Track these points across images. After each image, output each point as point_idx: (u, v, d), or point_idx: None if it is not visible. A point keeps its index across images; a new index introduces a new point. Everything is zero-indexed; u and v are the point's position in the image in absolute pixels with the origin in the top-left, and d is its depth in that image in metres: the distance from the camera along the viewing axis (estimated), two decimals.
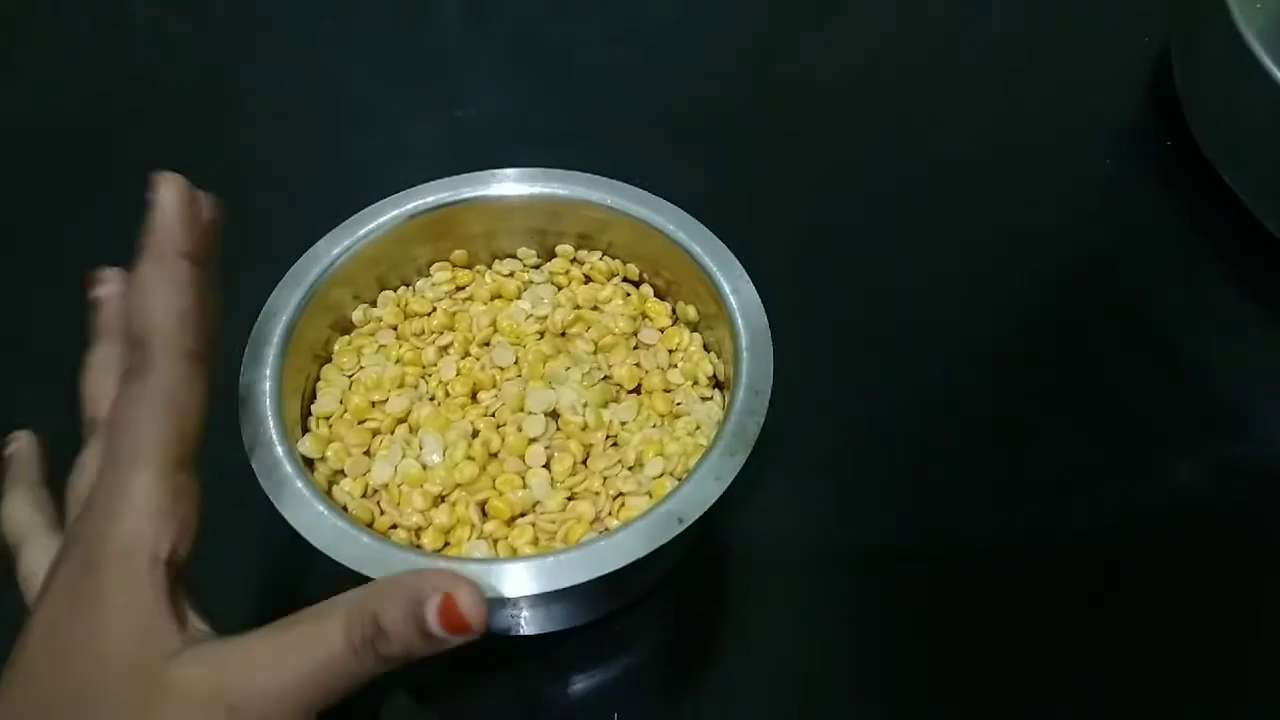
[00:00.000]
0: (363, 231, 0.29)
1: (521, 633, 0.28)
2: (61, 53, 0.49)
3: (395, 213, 0.30)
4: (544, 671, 0.30)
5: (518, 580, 0.22)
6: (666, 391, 0.29)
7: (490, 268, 0.32)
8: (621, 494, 0.25)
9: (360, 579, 0.22)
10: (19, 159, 0.43)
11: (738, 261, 0.28)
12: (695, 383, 0.29)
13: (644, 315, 0.31)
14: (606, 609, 0.30)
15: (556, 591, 0.22)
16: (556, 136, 0.44)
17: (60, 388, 0.24)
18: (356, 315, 0.30)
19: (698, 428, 0.27)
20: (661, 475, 0.26)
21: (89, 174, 0.42)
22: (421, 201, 0.30)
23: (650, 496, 0.25)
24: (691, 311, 0.30)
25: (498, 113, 0.45)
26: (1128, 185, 0.43)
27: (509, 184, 0.31)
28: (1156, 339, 0.38)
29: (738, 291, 0.28)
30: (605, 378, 0.28)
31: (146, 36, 0.50)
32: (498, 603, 0.24)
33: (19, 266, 0.39)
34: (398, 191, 0.30)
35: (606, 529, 0.25)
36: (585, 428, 0.27)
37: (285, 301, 0.27)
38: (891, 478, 0.34)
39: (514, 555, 0.24)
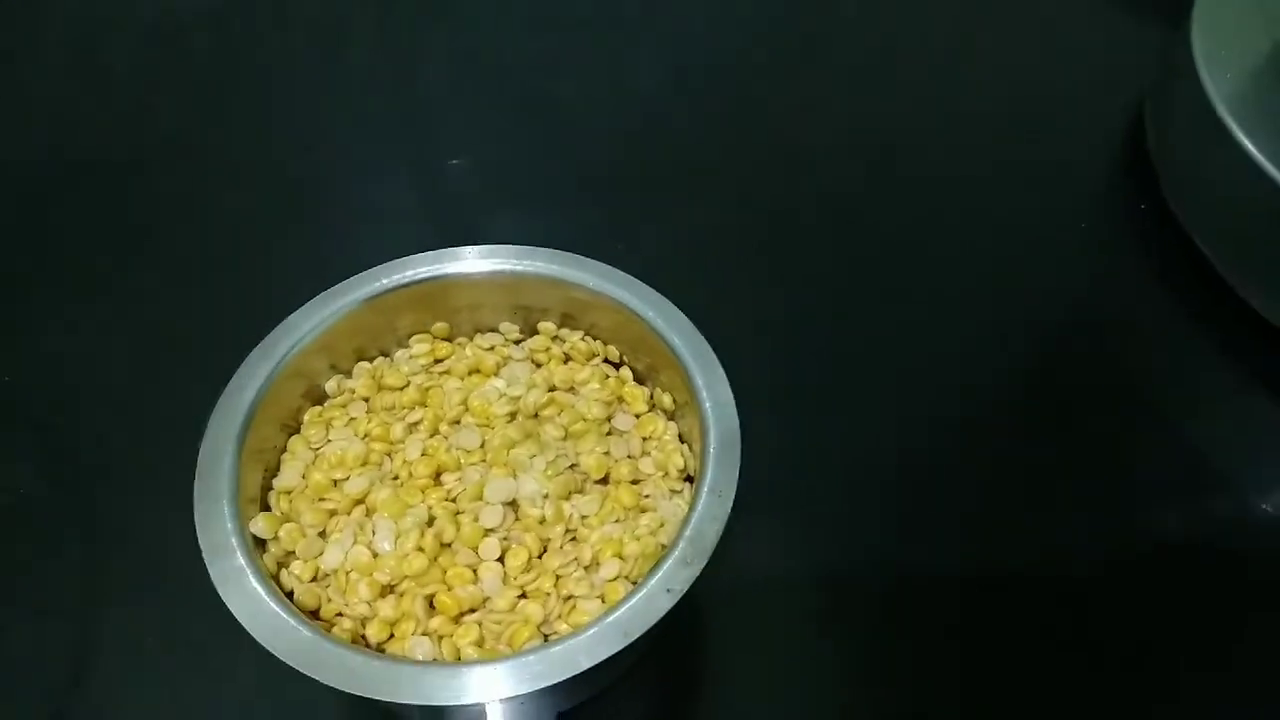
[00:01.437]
0: (343, 302, 0.29)
1: None
2: (34, 100, 0.49)
3: (379, 284, 0.30)
4: None
5: (457, 688, 0.21)
6: (635, 483, 0.28)
7: (471, 340, 0.32)
8: (573, 596, 0.25)
9: None
10: None
11: (716, 359, 0.28)
12: (665, 474, 0.28)
13: (620, 399, 0.30)
14: (568, 705, 0.29)
15: (502, 701, 0.22)
16: (541, 191, 0.44)
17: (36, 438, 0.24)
18: (330, 385, 0.30)
19: (661, 525, 0.27)
20: (617, 578, 0.25)
21: (57, 227, 0.43)
22: (406, 275, 0.30)
23: (603, 601, 0.25)
24: (668, 399, 0.29)
25: (483, 166, 0.45)
26: (1102, 246, 0.43)
27: (495, 260, 0.30)
28: (1130, 399, 0.38)
29: (712, 390, 0.27)
30: (572, 466, 0.28)
31: (122, 87, 0.50)
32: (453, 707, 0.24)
33: None
34: (379, 252, 0.30)
35: (555, 632, 0.24)
36: (543, 521, 0.26)
37: (255, 371, 0.27)
38: (869, 531, 0.34)
39: (457, 657, 0.24)
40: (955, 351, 0.39)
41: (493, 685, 0.21)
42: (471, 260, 0.30)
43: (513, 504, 0.27)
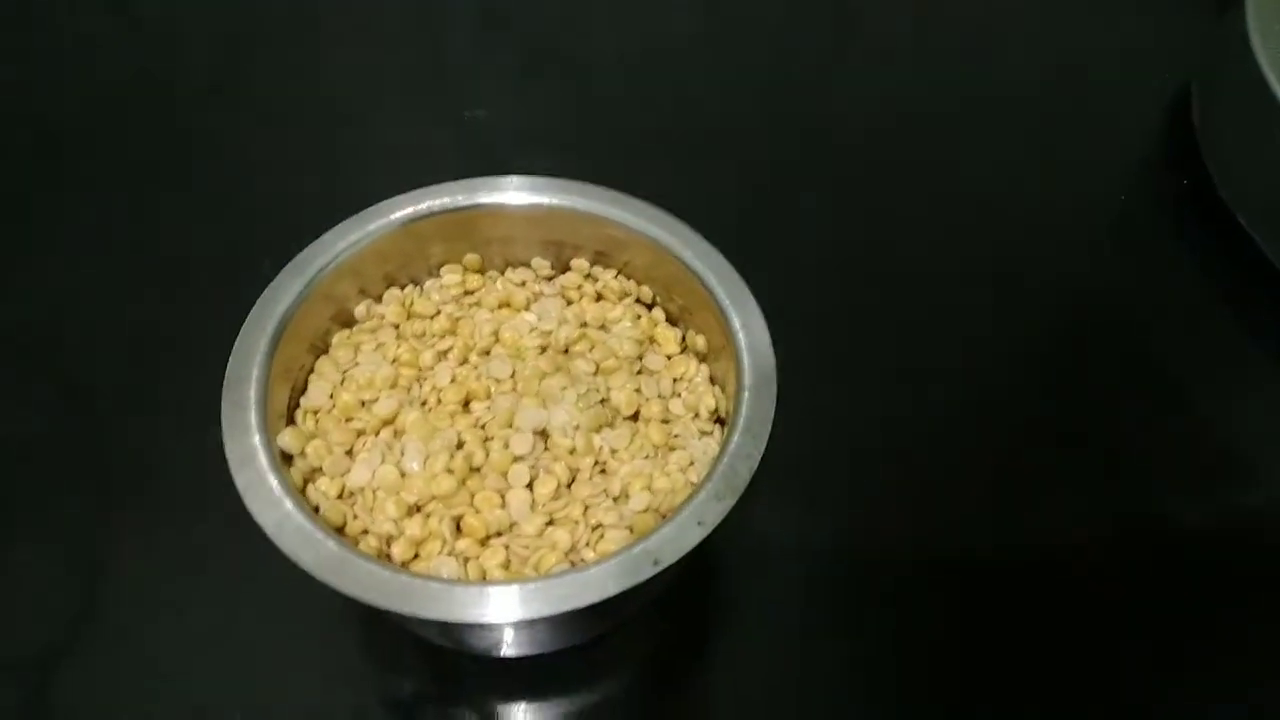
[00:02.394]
0: (375, 225, 0.29)
1: (501, 654, 0.28)
2: (67, 40, 0.48)
3: (412, 209, 0.29)
4: (530, 692, 0.29)
5: (482, 606, 0.21)
6: (665, 422, 0.27)
7: (503, 274, 0.31)
8: (602, 525, 0.24)
9: None
10: (16, 146, 0.43)
11: (753, 298, 0.27)
12: (696, 415, 0.28)
13: (652, 340, 0.30)
14: (586, 636, 0.29)
15: (526, 621, 0.21)
16: (566, 146, 0.43)
17: (55, 375, 0.23)
18: (359, 310, 0.29)
19: (691, 464, 0.26)
20: (646, 511, 0.25)
21: (91, 164, 0.42)
22: (439, 201, 0.29)
23: (631, 531, 0.24)
24: (701, 342, 0.29)
25: (508, 119, 0.45)
26: (1141, 222, 0.42)
27: (530, 193, 0.30)
28: (1159, 380, 0.37)
29: (748, 328, 0.26)
30: (602, 401, 0.27)
31: (155, 25, 0.49)
32: (466, 625, 0.23)
33: (16, 257, 0.39)
34: (409, 190, 0.30)
35: (582, 560, 0.24)
36: (573, 451, 0.26)
37: (285, 289, 0.27)
38: (887, 502, 0.33)
39: (483, 578, 0.24)
40: (986, 327, 0.38)
41: (521, 605, 0.21)
42: (507, 190, 0.30)
43: (543, 433, 0.26)
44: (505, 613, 0.21)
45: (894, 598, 0.31)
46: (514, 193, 0.30)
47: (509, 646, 0.27)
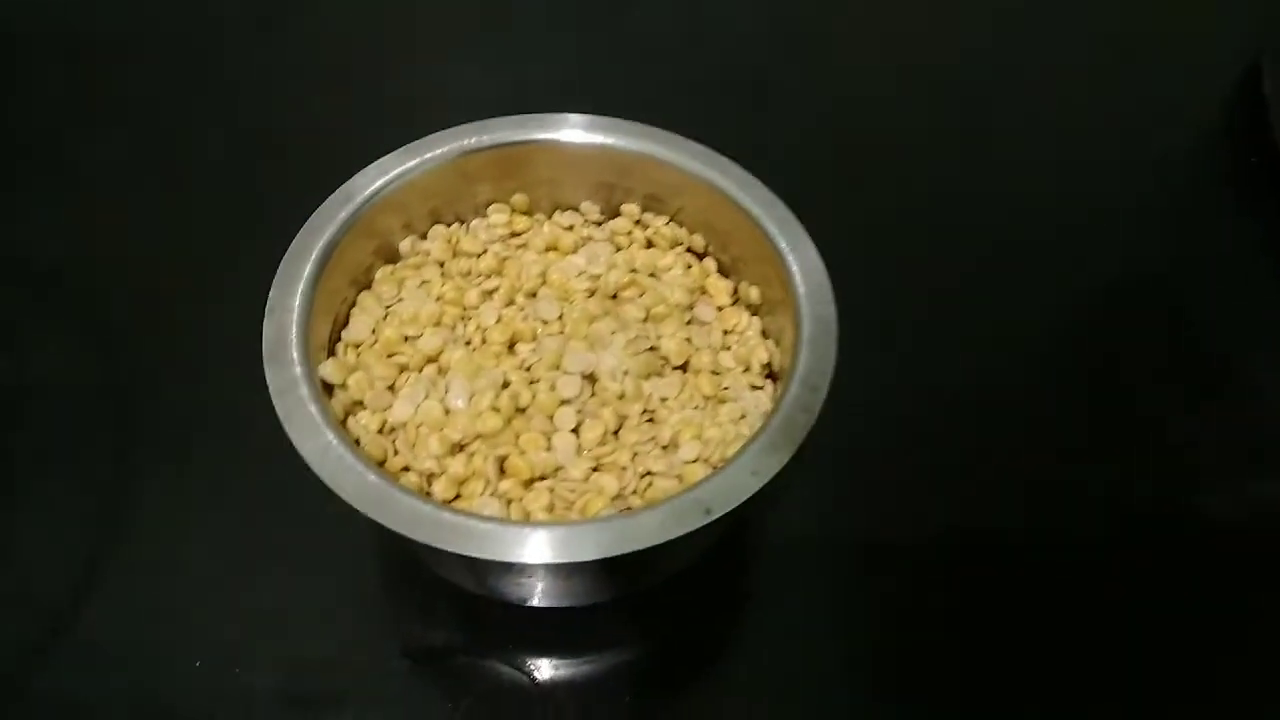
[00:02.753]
0: (422, 159, 0.28)
1: (534, 603, 0.27)
2: None
3: (459, 144, 0.28)
4: (557, 646, 0.28)
5: (526, 546, 0.20)
6: (715, 374, 0.26)
7: (550, 218, 0.30)
8: (650, 473, 0.24)
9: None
10: (61, 73, 0.43)
11: (814, 246, 0.26)
12: (747, 369, 0.27)
13: (703, 290, 0.29)
14: (625, 590, 0.28)
15: (568, 566, 0.20)
16: (614, 93, 0.41)
17: (67, 307, 0.23)
18: (404, 245, 0.28)
19: (742, 417, 0.25)
20: (696, 461, 0.24)
21: (136, 90, 0.42)
22: (488, 136, 0.28)
23: (680, 481, 0.23)
24: (755, 294, 0.28)
25: (554, 65, 0.44)
26: (1204, 198, 0.41)
27: (581, 131, 0.29)
28: (1210, 360, 0.36)
29: (807, 277, 0.25)
30: (651, 348, 0.27)
31: None
32: (505, 568, 0.22)
33: (57, 177, 0.39)
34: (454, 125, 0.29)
35: (628, 507, 0.23)
36: (622, 397, 0.25)
37: (329, 218, 0.26)
38: (924, 477, 0.32)
39: (526, 519, 0.23)
40: (1043, 298, 0.37)
41: (566, 547, 0.20)
42: (559, 128, 0.29)
43: (590, 377, 0.25)
44: (549, 553, 0.20)
45: (927, 580, 0.30)
46: (566, 130, 0.29)
47: (542, 596, 0.27)
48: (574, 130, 0.29)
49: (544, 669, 0.28)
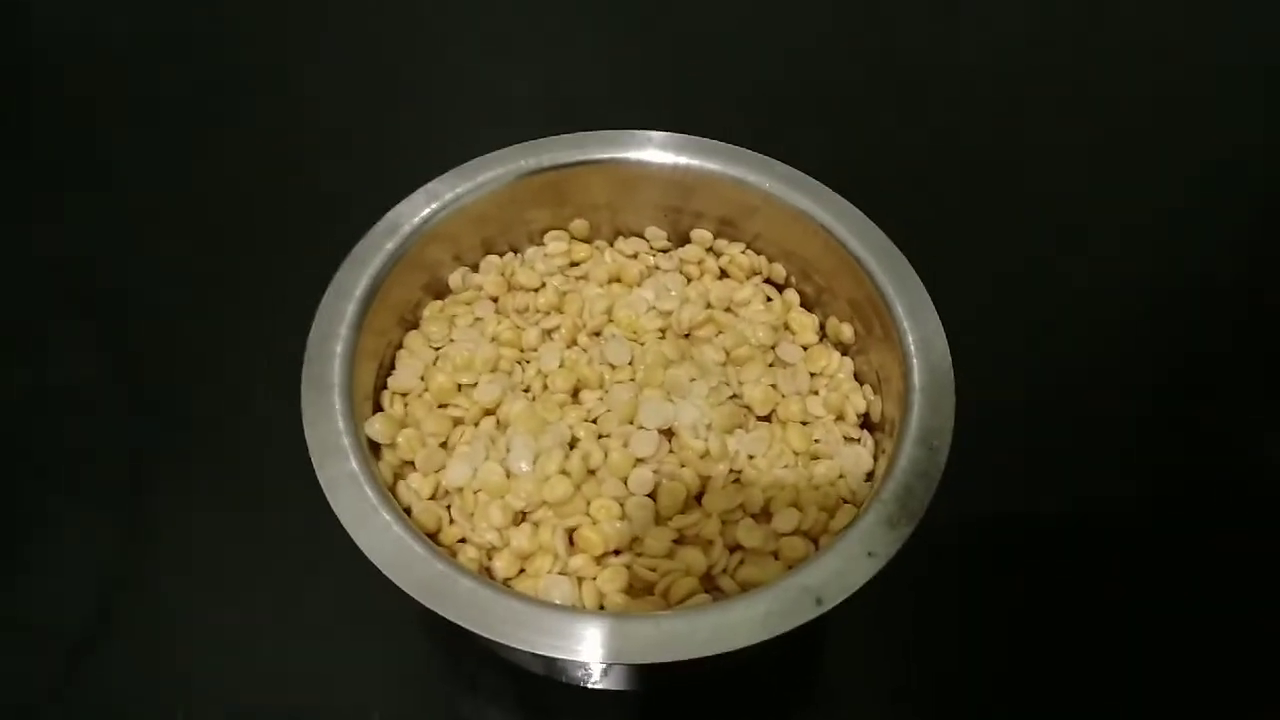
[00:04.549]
0: (472, 184, 0.25)
1: (591, 686, 0.24)
2: None
3: (512, 166, 0.25)
4: None
5: (609, 645, 0.17)
6: (804, 424, 0.23)
7: (612, 245, 0.27)
8: (742, 548, 0.21)
9: None
10: (82, 72, 0.40)
11: (919, 280, 0.23)
12: (839, 418, 0.24)
13: (786, 327, 0.26)
14: (695, 675, 0.25)
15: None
16: (676, 106, 0.39)
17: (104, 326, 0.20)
18: (454, 279, 0.26)
19: (840, 476, 0.22)
20: (794, 533, 0.21)
21: (160, 102, 0.39)
22: (543, 158, 0.26)
23: (778, 559, 0.20)
24: (846, 331, 0.25)
25: (596, 76, 0.41)
26: None
27: (646, 149, 0.26)
28: None
29: (916, 317, 0.22)
30: (733, 396, 0.24)
31: None
32: (578, 663, 0.20)
33: (83, 174, 0.36)
34: (506, 146, 0.26)
35: (719, 590, 0.20)
36: (705, 455, 0.22)
37: (373, 250, 0.23)
38: (998, 473, 0.29)
39: (601, 604, 0.20)
40: (1119, 297, 0.35)
41: (658, 645, 0.17)
42: (619, 146, 0.26)
43: (668, 432, 0.22)
44: (637, 654, 0.18)
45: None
46: (628, 148, 0.26)
47: (605, 679, 0.24)
48: (637, 148, 0.26)
49: None
